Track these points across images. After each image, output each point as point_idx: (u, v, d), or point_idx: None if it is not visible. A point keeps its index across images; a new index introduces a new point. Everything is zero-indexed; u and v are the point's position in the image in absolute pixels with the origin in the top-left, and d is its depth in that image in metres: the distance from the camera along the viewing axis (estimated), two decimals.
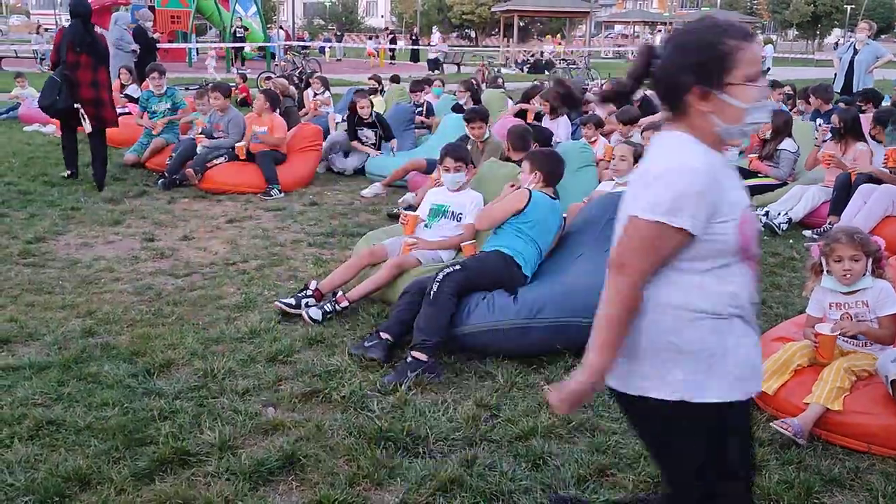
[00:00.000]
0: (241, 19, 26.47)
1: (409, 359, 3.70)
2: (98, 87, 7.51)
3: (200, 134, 8.22)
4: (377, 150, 9.06)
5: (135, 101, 10.99)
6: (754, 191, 7.35)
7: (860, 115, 7.37)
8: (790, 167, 7.37)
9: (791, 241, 6.48)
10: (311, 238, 6.28)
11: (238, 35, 25.02)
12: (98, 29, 8.26)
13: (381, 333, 3.99)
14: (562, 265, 4.26)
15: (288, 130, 8.58)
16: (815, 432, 3.19)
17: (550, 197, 4.41)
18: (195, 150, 8.10)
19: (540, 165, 4.41)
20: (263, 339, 4.11)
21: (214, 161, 7.92)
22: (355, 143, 9.04)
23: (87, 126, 7.47)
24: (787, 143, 7.37)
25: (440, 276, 3.95)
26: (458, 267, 4.01)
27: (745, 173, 7.48)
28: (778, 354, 3.44)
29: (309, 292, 4.55)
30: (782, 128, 7.39)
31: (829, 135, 7.22)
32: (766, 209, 6.90)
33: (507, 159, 5.87)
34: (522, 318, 3.86)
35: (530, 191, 4.33)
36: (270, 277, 5.23)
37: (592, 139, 7.74)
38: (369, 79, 12.49)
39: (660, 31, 32.82)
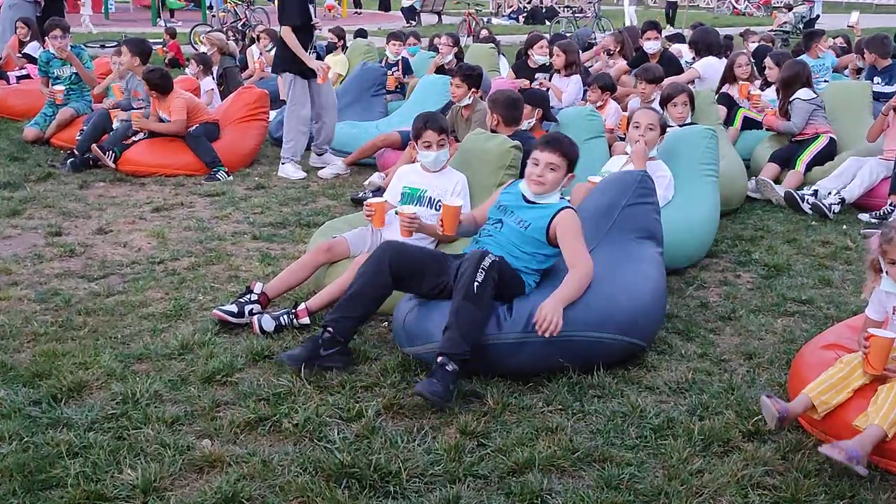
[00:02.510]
0: None
1: (451, 367, 3.65)
2: None
3: (116, 107, 8.15)
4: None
5: (36, 61, 10.88)
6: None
7: None
8: (803, 118, 7.51)
9: (844, 226, 6.55)
10: (256, 229, 6.26)
11: None
12: None
13: (329, 328, 3.92)
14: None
15: (226, 96, 8.55)
16: (872, 460, 3.22)
17: None
18: (111, 124, 8.04)
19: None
20: (197, 356, 4.09)
21: (134, 137, 7.86)
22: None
23: None
24: (801, 92, 7.53)
25: (486, 261, 3.78)
26: (496, 258, 3.88)
27: (788, 150, 7.54)
28: (834, 370, 3.43)
29: (253, 297, 4.54)
30: (792, 79, 7.57)
31: None
32: (813, 188, 6.96)
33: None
34: (518, 332, 3.83)
35: None
36: (206, 279, 5.21)
37: (599, 104, 7.77)
38: (329, 31, 12.45)
39: None
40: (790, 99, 7.57)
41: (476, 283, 3.75)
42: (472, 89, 6.88)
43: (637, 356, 4.14)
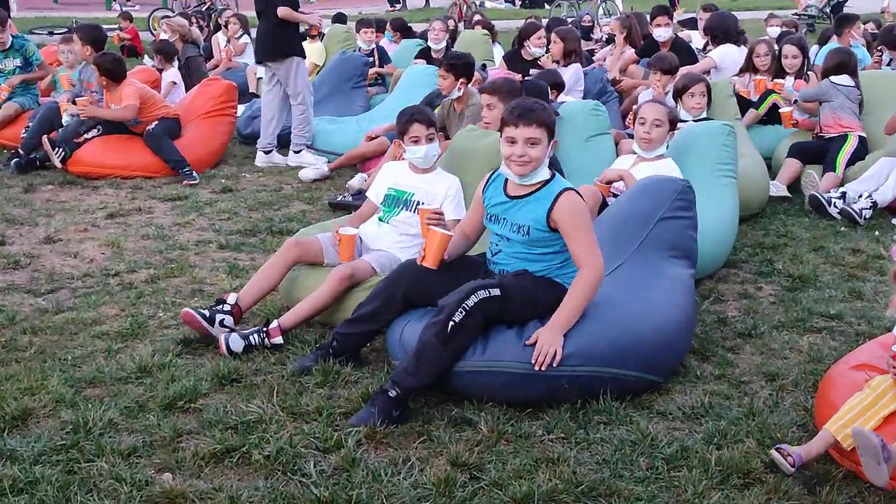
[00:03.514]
0: None
1: (394, 393, 3.73)
2: None
3: (65, 97, 8.12)
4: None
5: None
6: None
7: None
8: (814, 94, 7.71)
9: (877, 232, 6.58)
10: (222, 238, 6.26)
11: None
12: None
13: (336, 339, 4.23)
14: None
15: (189, 88, 8.54)
16: None
17: None
18: (60, 119, 8.03)
19: None
20: (157, 379, 4.08)
21: (86, 135, 7.85)
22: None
23: None
24: (840, 77, 7.64)
25: (472, 300, 3.79)
26: (496, 291, 3.87)
27: (811, 146, 7.60)
28: (859, 397, 3.44)
29: (226, 307, 4.56)
30: (836, 70, 7.66)
31: None
32: (841, 190, 6.99)
33: None
34: (526, 363, 3.79)
35: None
36: (167, 293, 5.20)
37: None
38: None
39: None
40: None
41: (452, 323, 3.75)
42: (461, 80, 6.87)
43: None
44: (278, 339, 4.43)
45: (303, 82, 8.38)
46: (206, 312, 4.50)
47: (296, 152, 8.42)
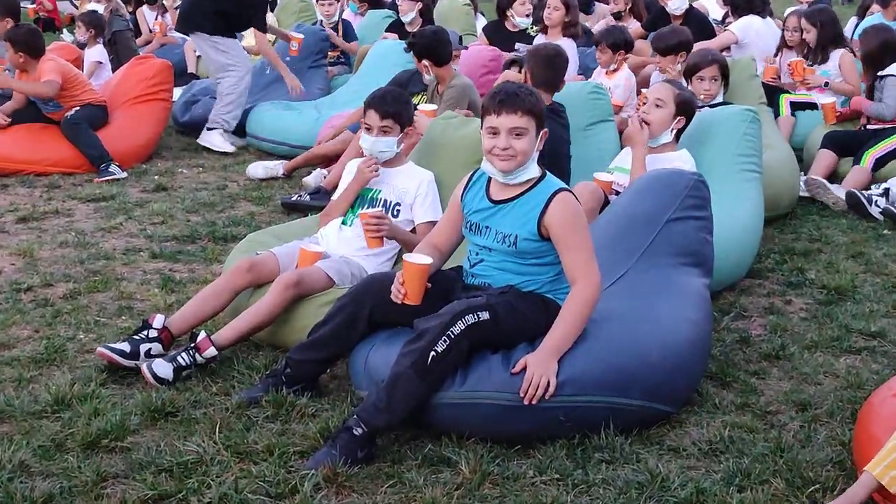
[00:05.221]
0: None
1: (359, 431, 3.72)
2: None
3: None
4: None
5: None
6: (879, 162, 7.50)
7: None
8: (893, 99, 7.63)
9: None
10: (155, 245, 6.26)
11: None
12: None
13: (290, 367, 4.19)
14: None
15: (117, 68, 8.52)
16: None
17: None
18: None
19: None
20: (77, 413, 4.06)
21: None
22: None
23: None
24: (893, 68, 7.63)
25: (458, 326, 3.78)
26: (486, 315, 3.86)
27: (851, 135, 7.66)
28: None
29: (153, 333, 4.54)
30: (880, 51, 7.69)
31: None
32: (884, 186, 7.05)
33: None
34: (515, 394, 3.79)
35: None
36: (89, 311, 5.20)
37: (612, 68, 7.86)
38: None
39: None
40: (880, 74, 7.65)
41: (433, 354, 3.74)
42: (424, 62, 6.89)
43: None
44: (211, 352, 4.40)
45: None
46: (127, 347, 4.45)
47: (207, 129, 8.69)
